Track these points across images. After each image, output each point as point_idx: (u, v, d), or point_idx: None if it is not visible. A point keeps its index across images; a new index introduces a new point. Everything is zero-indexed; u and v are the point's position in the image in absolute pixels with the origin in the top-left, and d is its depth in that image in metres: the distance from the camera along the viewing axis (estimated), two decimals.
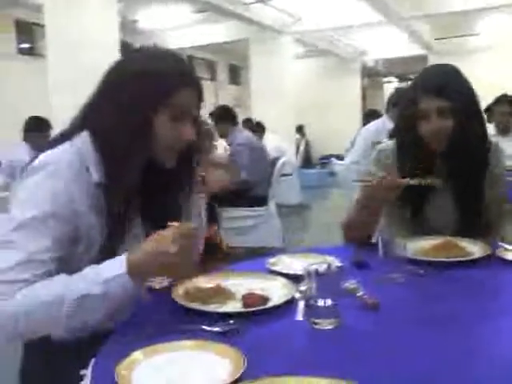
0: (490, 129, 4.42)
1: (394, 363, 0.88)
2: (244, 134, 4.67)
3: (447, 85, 1.58)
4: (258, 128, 7.69)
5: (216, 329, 0.98)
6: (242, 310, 1.07)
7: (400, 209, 1.70)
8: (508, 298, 1.20)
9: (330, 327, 1.00)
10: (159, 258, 1.02)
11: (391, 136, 1.85)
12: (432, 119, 1.57)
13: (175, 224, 1.05)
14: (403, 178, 1.53)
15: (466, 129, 1.58)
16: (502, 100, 4.36)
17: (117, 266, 1.02)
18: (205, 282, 1.22)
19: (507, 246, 1.49)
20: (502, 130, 4.36)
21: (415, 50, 12.73)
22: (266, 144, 7.35)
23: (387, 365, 0.88)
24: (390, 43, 12.90)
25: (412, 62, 12.98)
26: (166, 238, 1.02)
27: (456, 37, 12.10)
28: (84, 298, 1.00)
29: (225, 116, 4.64)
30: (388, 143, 1.80)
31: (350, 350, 0.94)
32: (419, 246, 1.50)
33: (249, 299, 1.10)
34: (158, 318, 1.10)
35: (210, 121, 4.73)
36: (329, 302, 1.00)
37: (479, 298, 1.22)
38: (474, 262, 1.40)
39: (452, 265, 1.38)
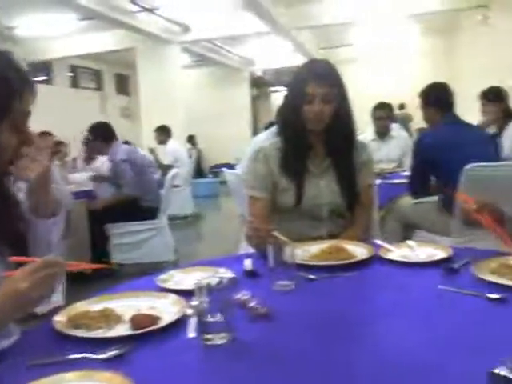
0: (370, 133, 4.76)
1: (287, 370, 0.89)
2: (125, 149, 4.55)
3: (330, 74, 1.84)
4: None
5: (101, 356, 0.93)
6: (130, 332, 1.02)
7: (283, 195, 1.86)
8: (392, 296, 1.25)
9: (221, 342, 0.98)
10: (12, 299, 0.96)
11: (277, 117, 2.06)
12: (316, 102, 1.78)
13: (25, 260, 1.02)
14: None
15: (343, 112, 1.84)
16: (380, 106, 4.75)
17: None
18: (89, 305, 1.15)
19: (388, 247, 1.58)
20: (381, 134, 4.78)
21: (301, 60, 13.21)
22: (168, 149, 7.27)
23: (280, 373, 0.88)
24: (277, 53, 13.27)
25: None
26: (15, 278, 0.96)
27: (336, 47, 12.80)
28: None
29: (102, 133, 4.49)
30: (266, 143, 2.00)
31: (243, 362, 0.93)
32: (307, 251, 1.54)
33: (137, 320, 1.05)
34: (39, 348, 1.01)
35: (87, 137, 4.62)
36: (219, 316, 0.98)
37: (367, 298, 1.27)
38: (359, 264, 1.46)
39: (339, 268, 1.43)
